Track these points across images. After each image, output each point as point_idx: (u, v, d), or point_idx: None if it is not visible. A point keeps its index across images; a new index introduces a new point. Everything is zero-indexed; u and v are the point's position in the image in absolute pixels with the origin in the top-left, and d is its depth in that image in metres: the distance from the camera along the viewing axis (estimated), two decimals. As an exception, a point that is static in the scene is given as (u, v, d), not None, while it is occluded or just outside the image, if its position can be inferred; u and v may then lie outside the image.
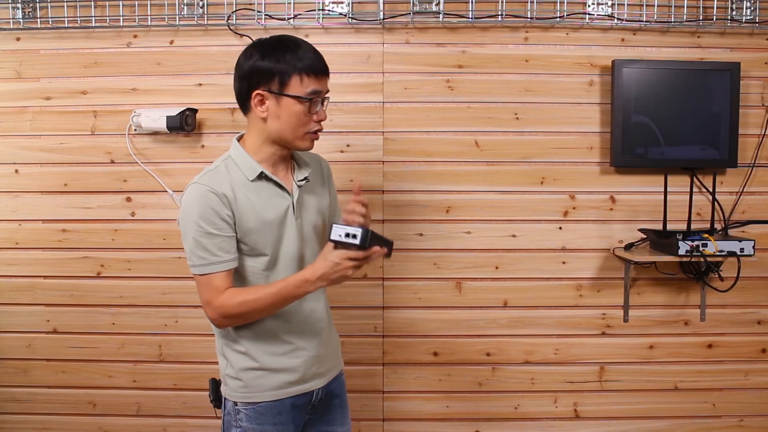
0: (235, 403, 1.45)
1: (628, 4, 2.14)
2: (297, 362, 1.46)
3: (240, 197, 1.37)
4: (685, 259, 2.03)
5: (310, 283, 1.33)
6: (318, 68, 1.37)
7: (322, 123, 1.41)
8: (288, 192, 1.44)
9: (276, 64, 1.35)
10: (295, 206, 1.44)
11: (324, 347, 1.52)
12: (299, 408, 1.49)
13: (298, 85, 1.35)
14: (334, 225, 1.27)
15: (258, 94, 1.36)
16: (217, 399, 1.52)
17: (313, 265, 1.33)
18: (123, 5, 2.16)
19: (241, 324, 1.42)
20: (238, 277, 1.42)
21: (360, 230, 1.25)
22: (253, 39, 2.13)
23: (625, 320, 2.24)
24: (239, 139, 1.46)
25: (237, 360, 1.45)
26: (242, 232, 1.38)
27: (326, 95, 1.42)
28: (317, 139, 1.43)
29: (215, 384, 1.54)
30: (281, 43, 1.38)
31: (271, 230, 1.40)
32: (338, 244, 1.28)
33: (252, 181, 1.39)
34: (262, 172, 1.40)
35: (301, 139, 1.40)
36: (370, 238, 1.26)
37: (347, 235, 1.25)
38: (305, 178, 1.48)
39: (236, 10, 2.15)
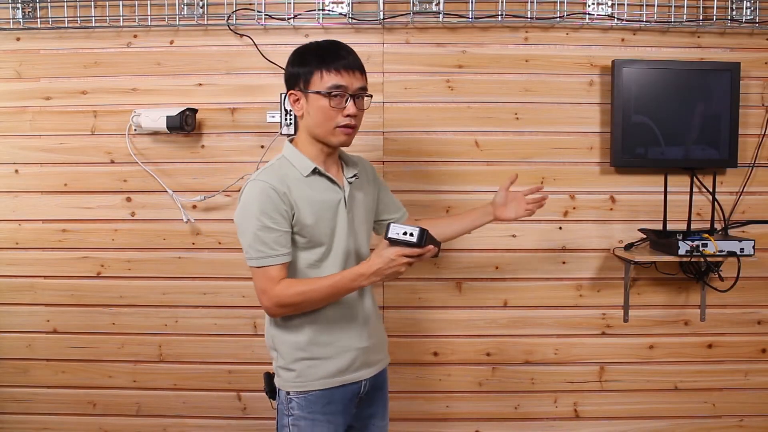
0: (288, 393, 1.51)
1: (628, 4, 2.14)
2: (346, 351, 1.51)
3: (296, 192, 1.44)
4: (685, 259, 2.03)
5: (365, 278, 1.39)
6: (338, 64, 1.44)
7: (354, 118, 1.46)
8: (339, 186, 1.51)
9: (301, 67, 1.46)
10: (347, 200, 1.51)
11: (372, 339, 1.57)
12: (348, 400, 1.53)
13: (319, 81, 1.44)
14: (391, 224, 1.34)
15: (291, 94, 1.49)
16: (271, 391, 1.58)
17: (368, 261, 1.39)
18: (123, 5, 2.16)
19: (293, 313, 1.47)
20: (292, 270, 1.48)
21: (417, 229, 1.32)
22: (253, 39, 2.15)
23: (625, 320, 2.24)
24: (291, 141, 1.54)
25: (289, 351, 1.50)
26: (300, 225, 1.45)
27: (359, 91, 1.47)
28: (350, 134, 1.48)
29: (269, 377, 1.59)
30: (314, 48, 1.48)
31: (325, 222, 1.47)
32: (394, 242, 1.34)
33: (306, 176, 1.47)
34: (315, 168, 1.47)
35: (332, 133, 1.46)
36: (426, 237, 1.33)
37: (405, 233, 1.32)
38: (355, 175, 1.56)
39: (236, 10, 2.15)
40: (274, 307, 1.44)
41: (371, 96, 1.52)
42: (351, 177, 1.55)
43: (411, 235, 1.32)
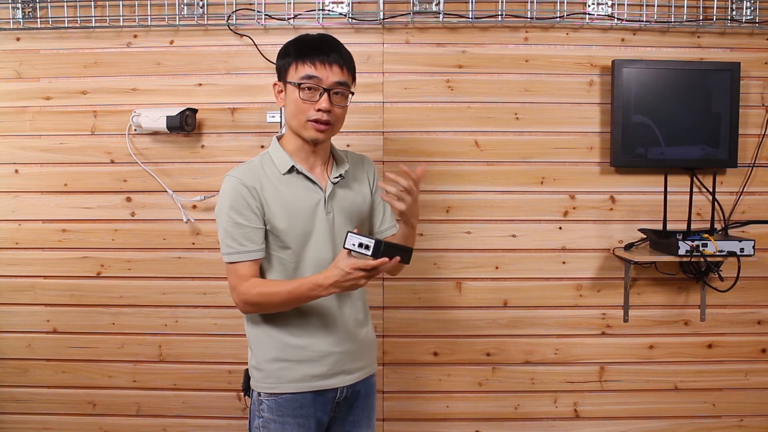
0: (259, 394, 1.49)
1: (628, 4, 2.15)
2: (321, 357, 1.47)
3: (269, 190, 1.43)
4: (685, 259, 2.03)
5: (323, 288, 1.35)
6: (313, 55, 1.41)
7: (327, 114, 1.41)
8: (320, 187, 1.47)
9: (282, 58, 1.47)
10: (327, 200, 1.47)
11: (352, 345, 1.52)
12: (322, 404, 1.49)
13: (294, 72, 1.43)
14: (349, 233, 1.30)
15: (275, 84, 1.50)
16: (247, 388, 1.56)
17: (326, 272, 1.35)
18: (123, 5, 2.16)
19: (261, 312, 1.46)
20: (269, 267, 1.47)
21: (373, 242, 1.28)
22: (253, 39, 2.15)
23: (625, 320, 2.24)
24: (279, 138, 1.53)
25: (262, 351, 1.48)
26: (271, 224, 1.44)
27: (336, 86, 1.42)
28: (321, 130, 1.43)
29: (247, 374, 1.57)
30: (298, 40, 1.47)
31: (299, 223, 1.44)
32: (352, 252, 1.30)
33: (284, 174, 1.45)
34: (293, 166, 1.45)
35: (304, 127, 1.44)
36: (383, 250, 1.28)
37: (360, 245, 1.28)
38: (340, 176, 1.51)
39: (236, 10, 2.15)
40: (242, 304, 1.43)
41: (353, 93, 1.47)
42: (336, 177, 1.50)
43: (366, 247, 1.27)
